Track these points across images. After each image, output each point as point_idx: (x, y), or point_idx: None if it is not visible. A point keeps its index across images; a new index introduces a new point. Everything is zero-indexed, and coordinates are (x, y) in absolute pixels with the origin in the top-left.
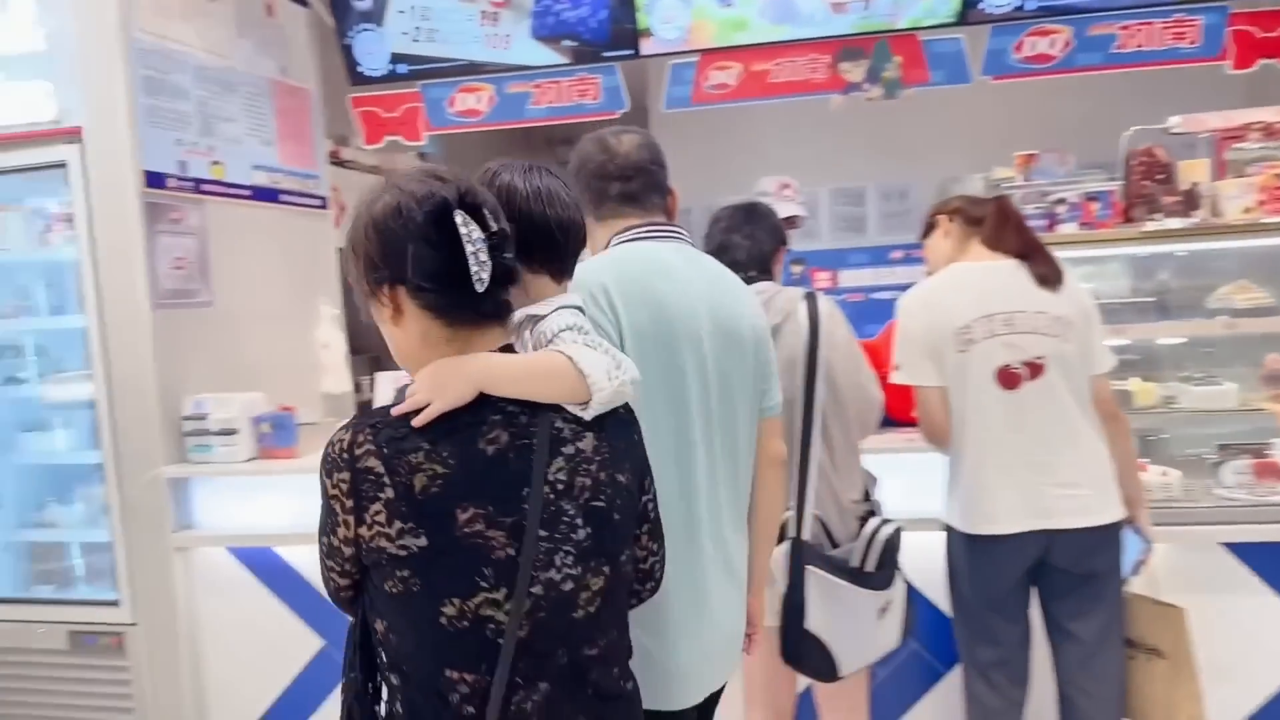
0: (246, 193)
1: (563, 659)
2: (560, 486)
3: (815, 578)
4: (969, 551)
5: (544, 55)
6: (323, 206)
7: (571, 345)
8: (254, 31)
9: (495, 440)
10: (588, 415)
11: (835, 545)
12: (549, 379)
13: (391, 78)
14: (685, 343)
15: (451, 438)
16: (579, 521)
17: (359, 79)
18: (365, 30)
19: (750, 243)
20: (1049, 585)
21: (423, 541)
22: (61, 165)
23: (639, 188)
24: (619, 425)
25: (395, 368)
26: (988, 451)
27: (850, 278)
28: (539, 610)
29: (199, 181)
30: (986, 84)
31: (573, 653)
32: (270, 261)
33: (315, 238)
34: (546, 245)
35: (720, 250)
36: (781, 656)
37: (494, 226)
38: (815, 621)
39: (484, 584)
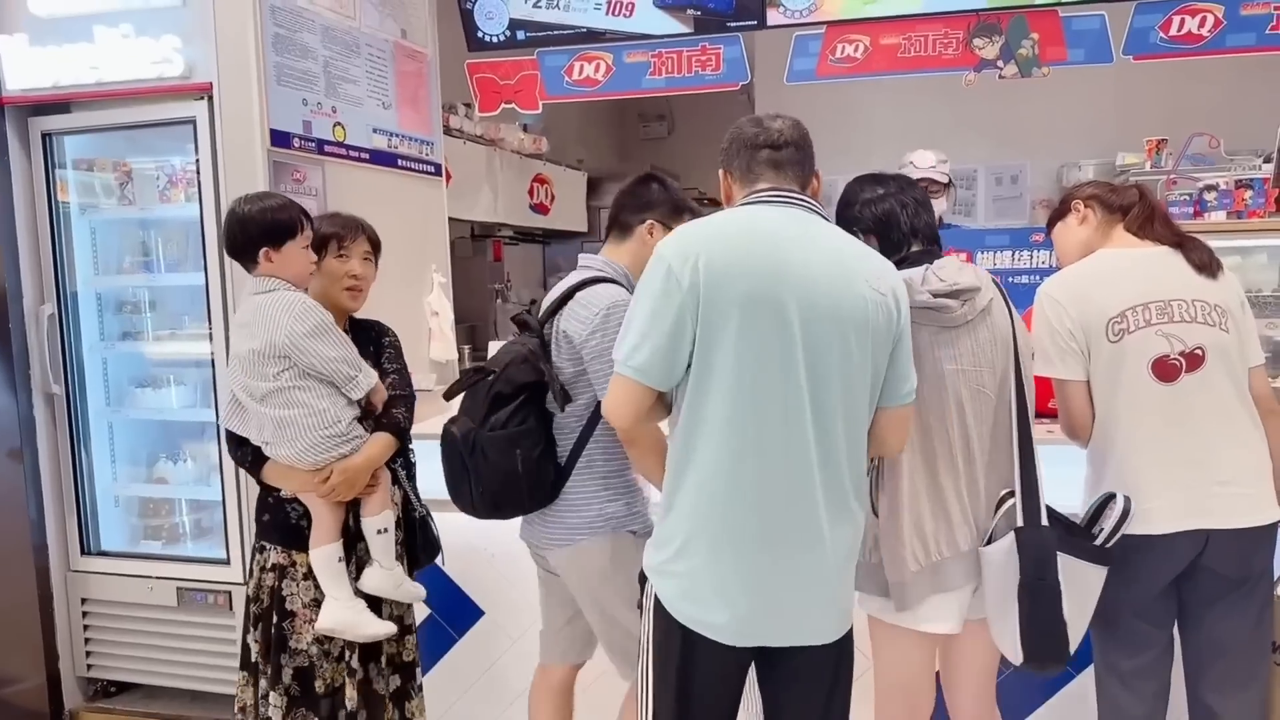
0: (365, 156)
1: None
2: None
3: (1065, 563)
4: (1117, 553)
5: (666, 24)
6: (437, 173)
7: None
8: None
9: None
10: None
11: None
12: None
13: (510, 44)
14: (766, 308)
15: None
16: None
17: (477, 44)
18: None
19: (926, 213)
20: (1197, 588)
21: None
22: (189, 121)
23: (784, 157)
24: None
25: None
26: (1142, 447)
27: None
28: None
29: (322, 143)
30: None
31: None
32: (385, 226)
33: (429, 204)
34: None
35: (886, 219)
36: (1026, 658)
37: None
38: (1068, 610)
39: None
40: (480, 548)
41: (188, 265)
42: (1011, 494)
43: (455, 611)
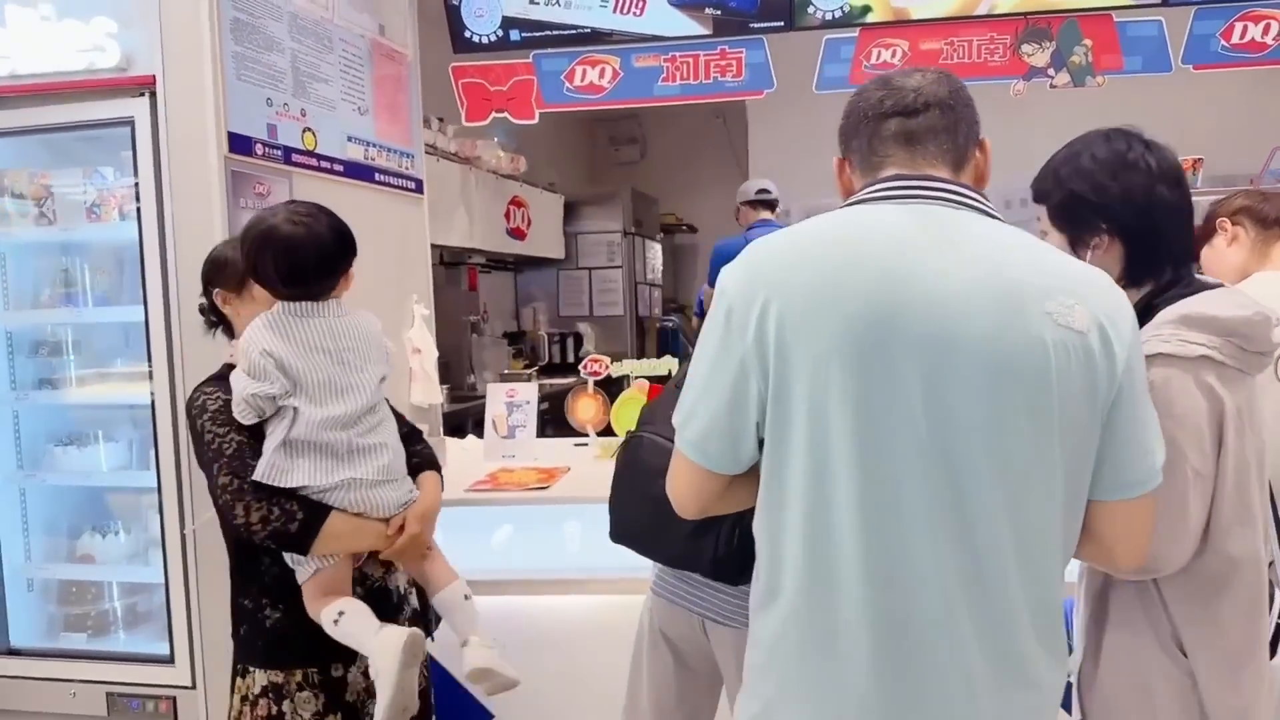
0: (339, 168)
1: None
2: None
3: None
4: None
5: (682, 24)
6: (418, 190)
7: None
8: None
9: None
10: None
11: None
12: None
13: (502, 45)
14: (873, 364)
15: None
16: None
17: (464, 45)
18: None
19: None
20: None
21: None
22: (127, 122)
23: (921, 126)
24: None
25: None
26: None
27: None
28: None
29: (289, 150)
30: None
31: None
32: (362, 249)
33: (408, 225)
34: None
35: (1150, 213)
36: None
37: None
38: None
39: None
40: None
41: (122, 298)
42: None
43: (459, 715)
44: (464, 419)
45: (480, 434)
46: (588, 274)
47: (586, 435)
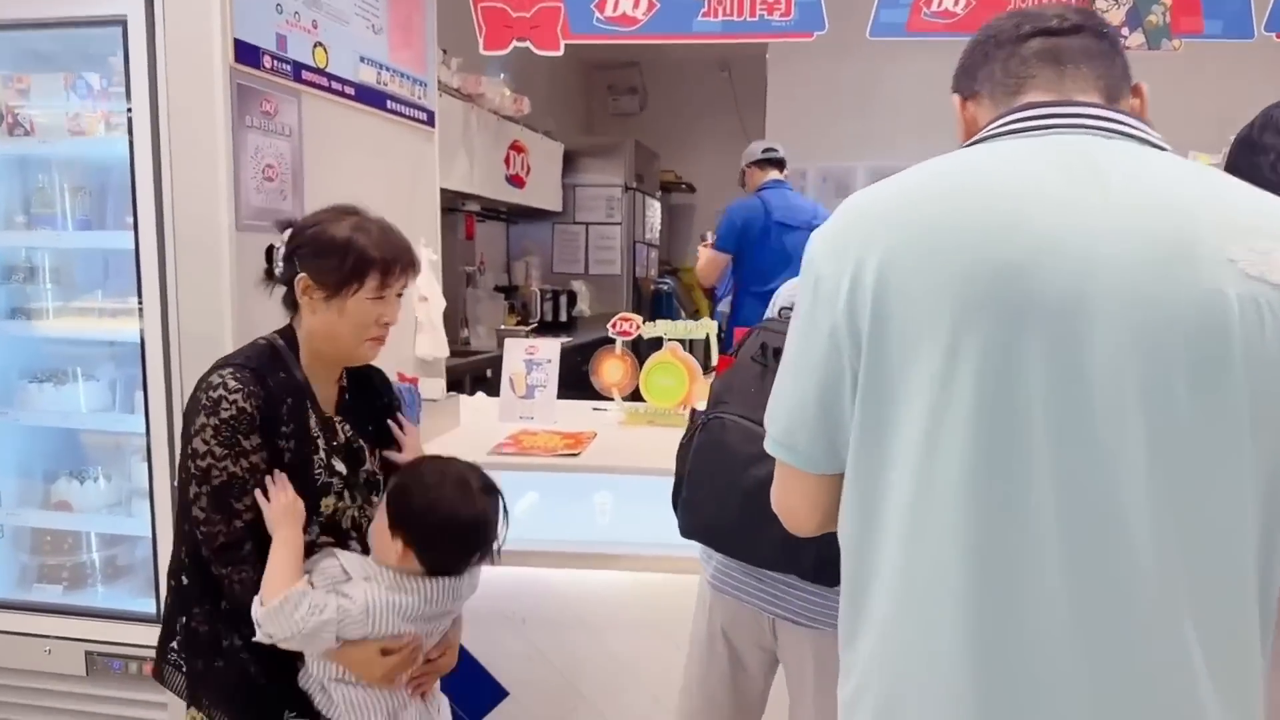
0: (350, 90)
1: None
2: None
3: None
4: None
5: None
6: (430, 124)
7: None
8: None
9: None
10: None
11: None
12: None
13: None
14: (1001, 333)
15: None
16: None
17: None
18: None
19: None
20: None
21: None
22: (118, 22)
23: (1074, 44)
24: None
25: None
26: None
27: None
28: None
29: (299, 66)
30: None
31: None
32: (371, 185)
33: (420, 161)
34: None
35: None
36: None
37: None
38: None
39: None
40: (507, 611)
41: (106, 220)
42: None
43: (471, 692)
44: (460, 376)
45: (474, 392)
46: (584, 229)
47: (610, 398)
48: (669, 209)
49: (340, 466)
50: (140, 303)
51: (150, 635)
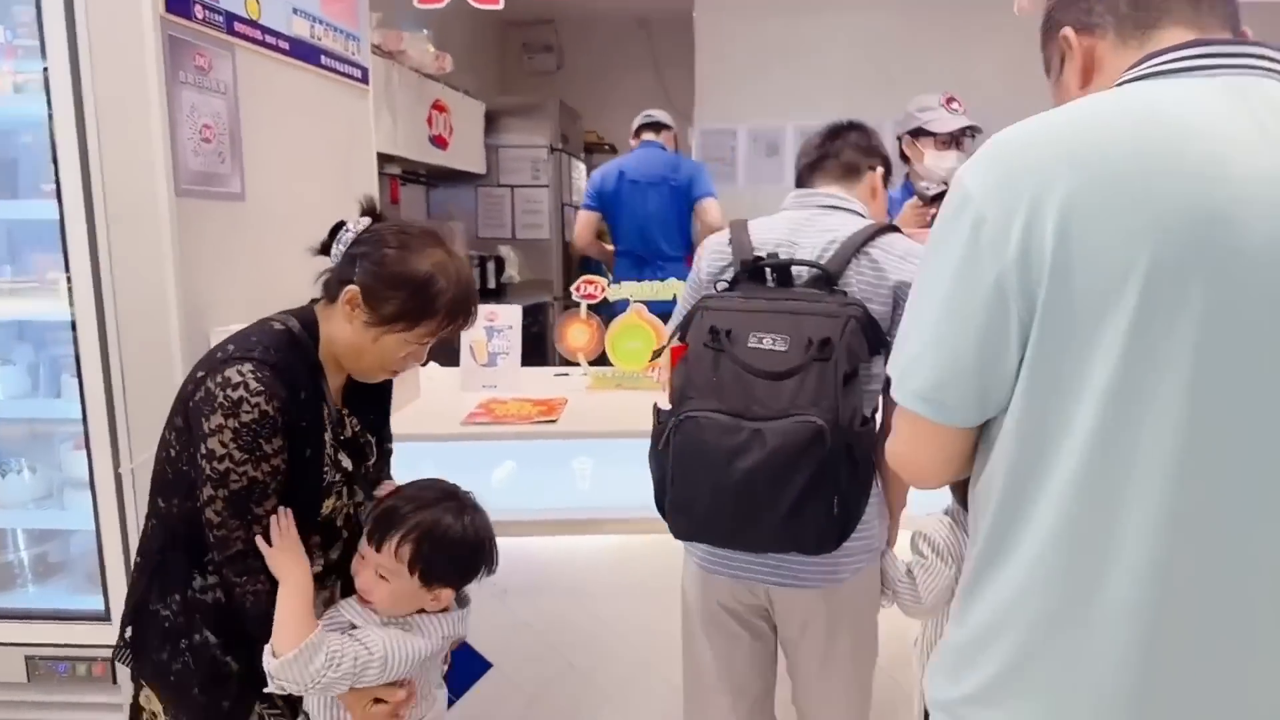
0: (284, 45)
1: None
2: None
3: None
4: None
5: None
6: (364, 80)
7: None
8: None
9: None
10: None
11: None
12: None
13: None
14: (1195, 283)
15: None
16: None
17: None
18: None
19: None
20: None
21: None
22: None
23: None
24: None
25: None
26: None
27: None
28: None
29: (231, 17)
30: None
31: None
32: (309, 147)
33: (354, 122)
34: None
35: None
36: None
37: None
38: None
39: None
40: (487, 583)
41: (22, 189)
42: None
43: (454, 668)
44: None
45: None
46: (510, 192)
47: (575, 363)
48: (591, 171)
49: (346, 462)
50: (69, 278)
51: (97, 634)
